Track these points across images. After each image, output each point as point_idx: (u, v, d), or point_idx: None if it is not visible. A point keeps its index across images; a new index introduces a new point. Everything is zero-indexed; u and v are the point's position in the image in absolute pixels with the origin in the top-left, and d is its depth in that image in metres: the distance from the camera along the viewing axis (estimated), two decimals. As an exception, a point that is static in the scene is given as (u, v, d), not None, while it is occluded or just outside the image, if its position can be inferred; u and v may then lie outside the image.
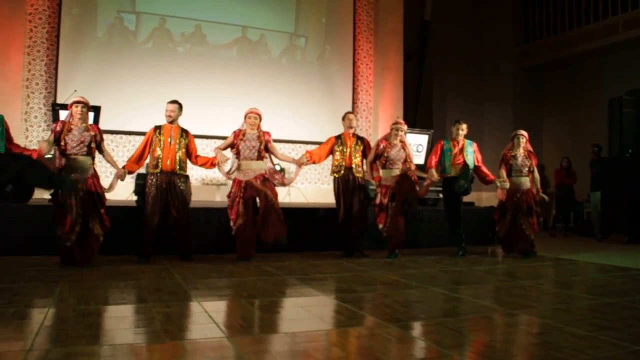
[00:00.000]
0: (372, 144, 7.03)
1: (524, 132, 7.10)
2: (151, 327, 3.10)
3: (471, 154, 6.90)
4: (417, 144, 9.26)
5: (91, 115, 7.15)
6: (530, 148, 7.15)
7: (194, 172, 9.96)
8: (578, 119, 13.33)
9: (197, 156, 6.19)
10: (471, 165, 6.84)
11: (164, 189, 5.82)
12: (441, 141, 7.05)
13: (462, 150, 6.86)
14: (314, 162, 6.69)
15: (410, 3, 13.22)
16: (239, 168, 6.12)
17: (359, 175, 6.64)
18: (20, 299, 3.75)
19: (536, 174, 7.10)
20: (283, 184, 6.45)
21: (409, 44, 13.32)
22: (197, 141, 9.27)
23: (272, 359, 2.64)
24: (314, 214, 7.32)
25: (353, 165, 6.62)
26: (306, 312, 3.75)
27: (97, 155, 5.63)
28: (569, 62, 13.56)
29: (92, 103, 7.34)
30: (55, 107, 8.32)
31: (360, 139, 6.84)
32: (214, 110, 10.33)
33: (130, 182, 7.02)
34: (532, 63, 14.19)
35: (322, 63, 12.19)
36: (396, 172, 6.54)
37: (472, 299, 4.21)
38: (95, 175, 5.49)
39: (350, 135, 6.78)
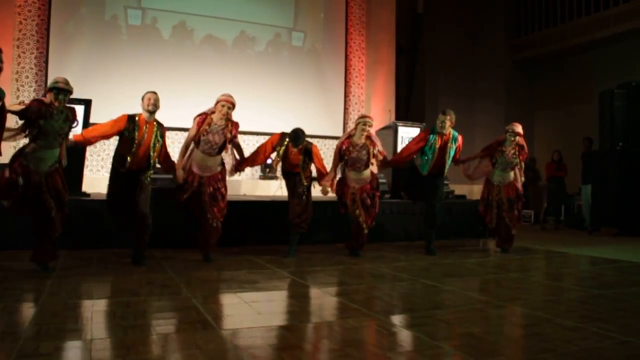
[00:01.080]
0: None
1: (519, 129, 6.61)
2: (142, 321, 3.10)
3: (452, 152, 6.41)
4: (409, 137, 9.23)
5: (81, 108, 7.08)
6: (523, 143, 6.76)
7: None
8: (569, 112, 13.36)
9: (164, 153, 5.44)
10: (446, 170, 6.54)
11: (130, 186, 5.15)
12: (427, 132, 6.49)
13: (445, 146, 6.33)
14: (249, 165, 6.07)
15: (403, -4, 13.21)
16: (194, 158, 5.52)
17: (305, 183, 5.99)
18: (11, 293, 3.73)
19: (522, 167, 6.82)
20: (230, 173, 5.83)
21: (402, 38, 13.31)
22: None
23: (263, 352, 2.65)
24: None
25: (300, 172, 5.95)
26: (297, 304, 3.76)
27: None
28: (560, 56, 13.58)
29: (83, 96, 7.30)
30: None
31: (306, 149, 5.98)
32: (203, 104, 10.26)
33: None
34: (523, 56, 14.21)
35: (315, 56, 12.16)
36: (365, 173, 6.06)
37: (463, 291, 4.23)
38: (59, 172, 4.66)
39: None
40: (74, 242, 5.76)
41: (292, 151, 5.91)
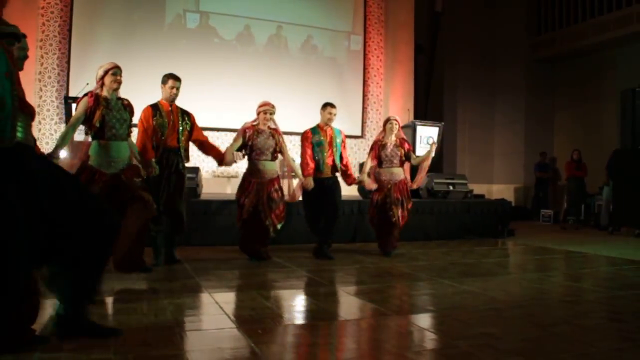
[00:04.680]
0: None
1: (397, 118, 6.33)
2: (163, 318, 3.15)
3: (338, 150, 6.00)
4: (427, 136, 9.23)
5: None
6: (403, 135, 6.35)
7: (206, 165, 9.94)
8: (590, 111, 13.21)
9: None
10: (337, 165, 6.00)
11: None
12: (308, 132, 6.01)
13: (331, 141, 5.96)
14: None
15: (421, -5, 13.16)
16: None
17: (185, 161, 5.19)
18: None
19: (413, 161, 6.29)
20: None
21: (420, 36, 13.26)
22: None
23: (282, 350, 2.68)
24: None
25: (180, 148, 5.09)
26: (315, 303, 3.79)
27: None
28: (582, 54, 13.43)
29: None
30: (68, 101, 8.38)
31: (186, 114, 5.21)
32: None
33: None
34: (544, 55, 14.07)
35: (334, 55, 12.16)
36: (270, 165, 5.51)
37: (481, 291, 4.22)
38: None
39: (170, 106, 5.15)
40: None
41: (164, 106, 5.12)
